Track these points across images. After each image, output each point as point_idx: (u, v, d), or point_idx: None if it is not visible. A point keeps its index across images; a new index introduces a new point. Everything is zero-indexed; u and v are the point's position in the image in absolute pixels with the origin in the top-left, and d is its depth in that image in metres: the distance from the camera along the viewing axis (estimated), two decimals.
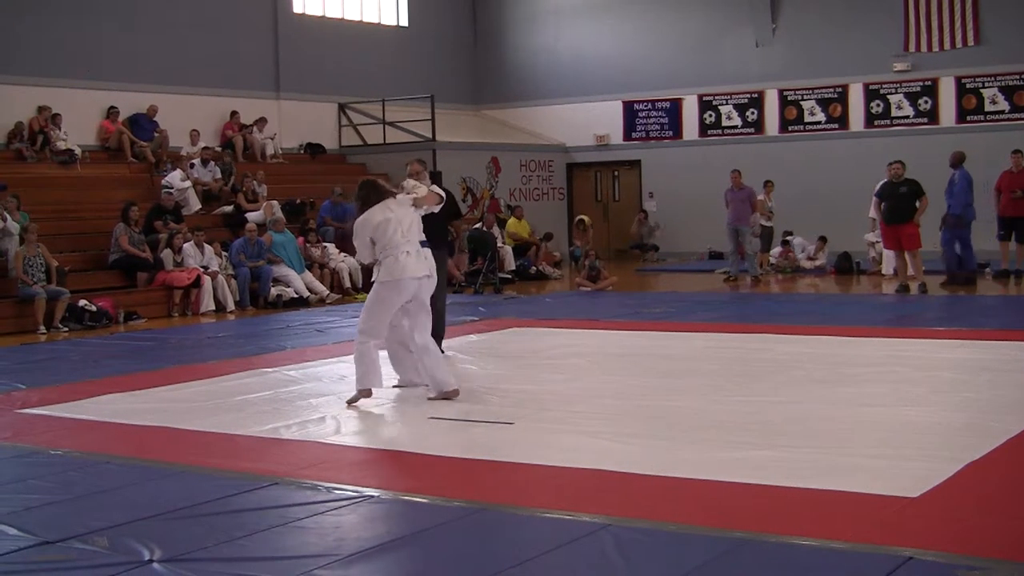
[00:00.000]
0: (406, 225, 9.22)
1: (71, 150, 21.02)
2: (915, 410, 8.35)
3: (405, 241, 9.16)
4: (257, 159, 24.41)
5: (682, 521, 5.71)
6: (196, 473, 7.10)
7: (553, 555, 5.30)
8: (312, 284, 19.33)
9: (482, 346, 12.78)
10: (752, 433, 7.68)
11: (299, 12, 26.59)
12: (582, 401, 9.14)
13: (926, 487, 6.17)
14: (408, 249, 9.16)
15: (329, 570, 5.16)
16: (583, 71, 29.12)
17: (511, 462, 7.13)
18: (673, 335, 13.25)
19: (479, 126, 29.75)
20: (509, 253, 23.10)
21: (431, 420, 8.56)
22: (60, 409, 9.52)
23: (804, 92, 26.70)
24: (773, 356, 11.34)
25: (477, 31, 31.09)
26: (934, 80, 25.27)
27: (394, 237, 9.12)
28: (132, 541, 5.60)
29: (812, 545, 5.27)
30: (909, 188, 17.75)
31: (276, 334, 14.96)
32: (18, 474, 7.21)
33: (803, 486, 6.28)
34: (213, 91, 24.34)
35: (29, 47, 21.35)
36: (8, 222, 16.82)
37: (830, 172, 25.89)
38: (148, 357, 12.90)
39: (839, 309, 15.91)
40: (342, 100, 27.15)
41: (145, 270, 18.07)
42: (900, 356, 11.05)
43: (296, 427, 8.47)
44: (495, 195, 27.42)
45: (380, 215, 9.19)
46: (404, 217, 9.24)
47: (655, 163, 28.55)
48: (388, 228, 9.13)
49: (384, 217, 9.17)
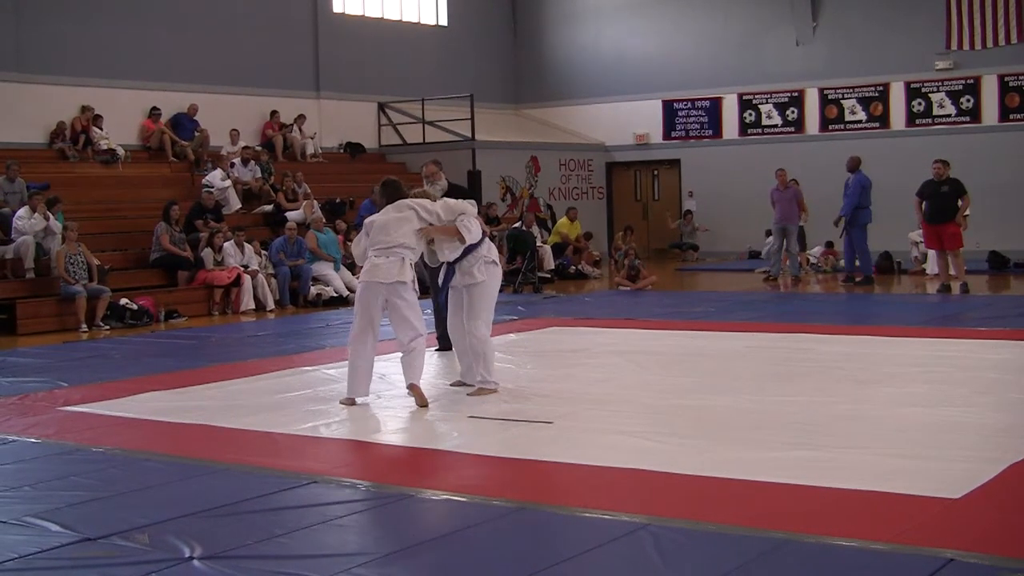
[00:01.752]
0: (401, 230, 9.15)
1: (113, 150, 21.18)
2: (957, 411, 8.27)
3: (387, 246, 9.09)
4: (297, 158, 24.52)
5: (721, 521, 5.69)
6: (236, 471, 7.13)
7: (592, 554, 5.28)
8: (351, 283, 19.36)
9: (521, 345, 12.77)
10: (792, 433, 7.64)
11: (339, 12, 26.69)
12: (621, 400, 9.11)
13: (968, 488, 6.12)
14: (386, 253, 9.07)
15: (368, 568, 5.16)
16: (623, 70, 29.08)
17: (550, 461, 7.12)
18: (713, 335, 13.20)
19: (518, 125, 29.75)
20: (548, 252, 23.07)
21: (470, 419, 8.56)
22: (102, 407, 9.57)
23: (845, 91, 26.58)
24: (814, 356, 11.27)
25: (517, 30, 31.09)
26: (976, 78, 25.10)
27: (382, 238, 9.11)
28: (173, 538, 5.63)
29: (852, 546, 5.23)
30: (951, 188, 17.64)
31: (316, 333, 15.01)
32: (60, 471, 7.25)
33: (844, 487, 6.23)
34: (253, 91, 24.46)
35: (70, 48, 21.52)
36: (51, 221, 16.96)
37: (871, 171, 25.45)
38: (189, 355, 12.96)
39: (880, 309, 15.81)
40: (382, 99, 27.22)
41: (186, 269, 18.18)
42: (942, 356, 10.97)
43: (336, 425, 8.49)
44: (534, 194, 27.42)
45: (384, 216, 9.22)
46: (404, 223, 9.19)
47: (695, 162, 28.49)
48: (386, 228, 9.13)
49: (387, 217, 9.19)
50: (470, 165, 25.03)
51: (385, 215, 9.24)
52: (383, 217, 9.23)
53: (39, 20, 21.00)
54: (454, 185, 11.65)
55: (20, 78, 20.68)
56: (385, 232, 9.12)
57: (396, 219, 9.18)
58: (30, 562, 5.36)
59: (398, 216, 9.20)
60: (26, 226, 16.80)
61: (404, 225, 9.15)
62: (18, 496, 6.63)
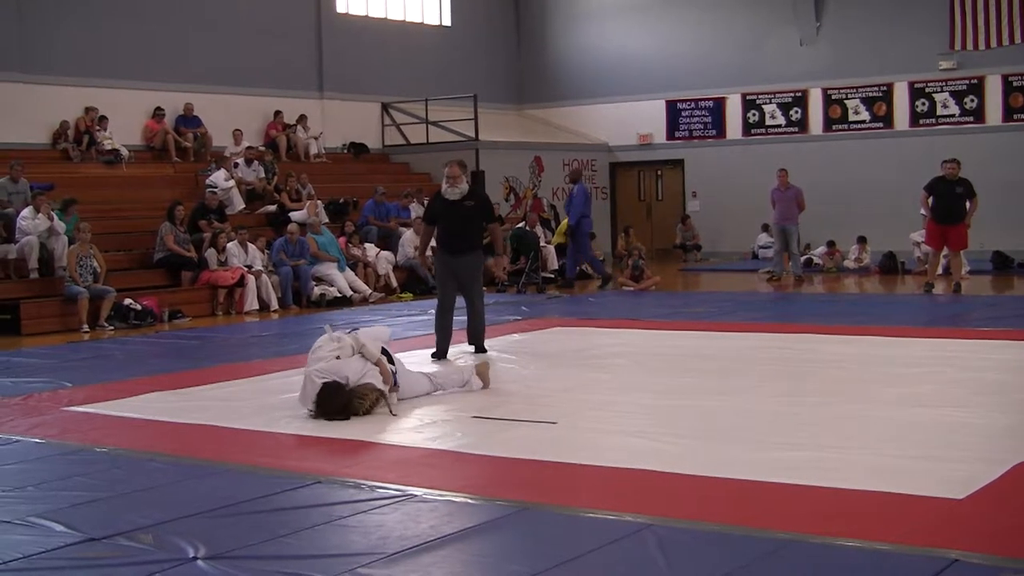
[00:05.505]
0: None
1: (117, 150, 21.19)
2: (961, 411, 8.26)
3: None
4: (300, 158, 24.54)
5: (725, 521, 5.69)
6: (240, 471, 7.13)
7: (595, 555, 5.28)
8: (355, 283, 19.38)
9: (525, 346, 12.78)
10: (796, 434, 7.64)
11: (342, 12, 26.70)
12: (624, 401, 9.11)
13: (972, 489, 6.12)
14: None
15: (372, 569, 5.16)
16: (626, 70, 29.08)
17: (554, 461, 7.12)
18: (716, 335, 13.20)
19: (522, 125, 29.76)
20: (552, 253, 23.06)
21: (474, 419, 8.56)
22: (105, 407, 9.59)
23: (848, 91, 26.58)
24: (817, 356, 11.28)
25: (520, 30, 31.10)
26: (980, 78, 25.11)
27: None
28: (177, 538, 5.63)
29: (856, 546, 5.23)
30: (964, 188, 17.61)
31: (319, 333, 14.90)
32: (64, 471, 7.26)
33: (847, 487, 6.23)
34: (257, 91, 24.48)
35: (74, 48, 21.54)
36: (56, 221, 16.98)
37: (874, 171, 25.75)
38: (192, 356, 12.97)
39: (883, 309, 15.80)
40: (385, 100, 27.23)
41: (189, 269, 18.18)
42: (945, 357, 10.97)
43: (340, 426, 8.47)
44: (538, 195, 27.41)
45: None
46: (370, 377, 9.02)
47: (698, 162, 28.50)
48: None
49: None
50: (474, 165, 25.02)
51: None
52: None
53: (43, 20, 21.01)
54: (475, 188, 11.66)
55: (24, 78, 20.68)
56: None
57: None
58: (34, 562, 5.37)
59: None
60: (30, 226, 16.80)
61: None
62: (22, 496, 6.64)
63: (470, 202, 11.66)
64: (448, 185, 11.52)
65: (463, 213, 11.60)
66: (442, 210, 11.71)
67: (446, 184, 11.55)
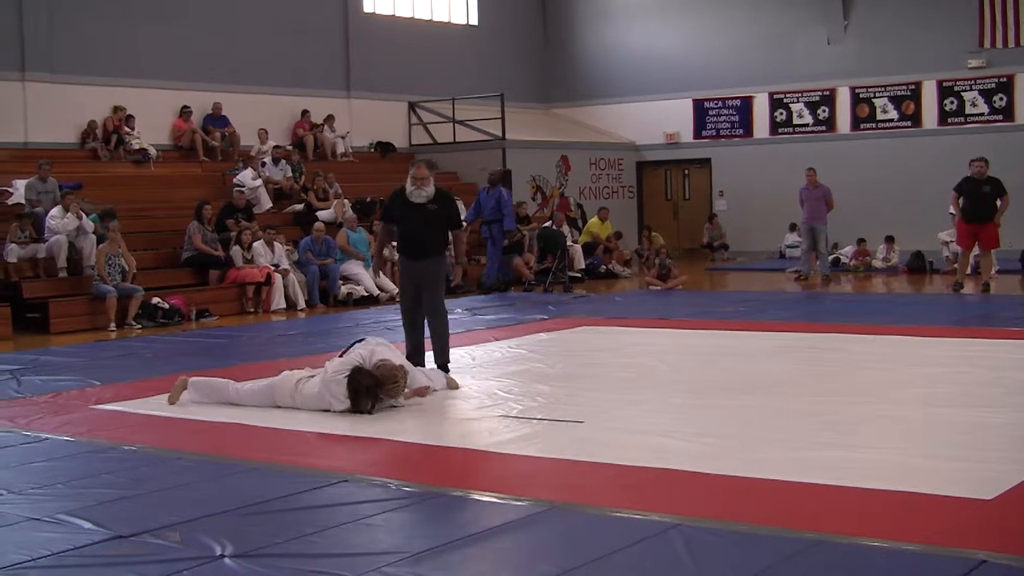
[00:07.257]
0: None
1: (145, 149, 21.28)
2: (989, 411, 8.22)
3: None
4: (328, 158, 24.59)
5: (752, 521, 5.67)
6: (267, 469, 7.15)
7: (622, 554, 5.27)
8: (382, 282, 19.39)
9: (551, 345, 12.77)
10: (823, 433, 7.62)
11: (369, 11, 26.75)
12: (652, 400, 9.10)
13: (1000, 489, 6.08)
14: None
15: (398, 567, 5.16)
16: (653, 69, 29.04)
17: (580, 461, 7.11)
18: (744, 334, 13.16)
19: (549, 124, 29.75)
20: (579, 252, 23.06)
21: (500, 418, 8.56)
22: (133, 405, 9.63)
23: (876, 89, 26.46)
24: (845, 356, 11.24)
25: (547, 29, 31.09)
26: (1009, 77, 24.95)
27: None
28: (204, 536, 5.65)
29: (884, 547, 5.20)
30: (993, 187, 17.51)
31: (346, 332, 15.01)
32: (92, 469, 7.29)
33: (875, 487, 6.20)
34: (284, 90, 24.55)
35: (102, 48, 21.63)
36: (84, 220, 17.06)
37: (903, 170, 25.64)
38: (220, 354, 13.00)
39: (911, 309, 15.72)
40: (412, 99, 27.26)
41: (217, 268, 18.24)
42: (973, 356, 10.91)
43: (366, 424, 8.49)
44: (565, 194, 27.41)
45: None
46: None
47: (725, 161, 28.44)
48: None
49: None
50: (500, 164, 25.03)
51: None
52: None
53: (71, 21, 21.12)
54: (441, 191, 10.93)
55: (52, 78, 20.79)
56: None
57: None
58: (62, 559, 5.39)
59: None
60: (59, 225, 16.89)
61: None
62: (51, 493, 6.67)
63: (434, 205, 10.76)
64: (414, 187, 10.63)
65: (426, 217, 10.72)
66: (404, 212, 10.82)
67: (411, 185, 10.66)
